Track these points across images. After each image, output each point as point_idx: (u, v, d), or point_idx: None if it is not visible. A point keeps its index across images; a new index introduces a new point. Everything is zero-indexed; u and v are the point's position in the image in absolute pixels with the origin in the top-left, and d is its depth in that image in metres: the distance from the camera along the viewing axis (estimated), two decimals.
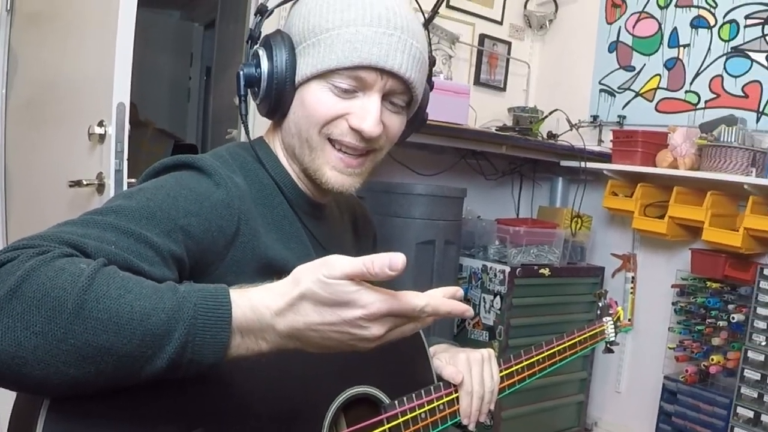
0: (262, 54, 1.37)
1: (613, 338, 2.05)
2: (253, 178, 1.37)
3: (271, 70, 1.35)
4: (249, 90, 1.42)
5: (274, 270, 1.25)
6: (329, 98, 1.34)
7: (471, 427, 1.52)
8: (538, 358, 1.71)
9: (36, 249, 0.97)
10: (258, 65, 1.37)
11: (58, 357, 0.89)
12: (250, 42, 1.43)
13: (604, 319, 2.04)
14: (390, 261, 0.97)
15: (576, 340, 1.86)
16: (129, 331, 0.92)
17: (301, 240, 1.42)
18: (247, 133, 1.44)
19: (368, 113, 1.34)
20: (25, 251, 0.96)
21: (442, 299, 1.07)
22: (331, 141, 1.37)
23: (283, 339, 1.03)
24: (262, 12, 1.43)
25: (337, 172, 1.39)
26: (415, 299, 1.04)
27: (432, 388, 1.46)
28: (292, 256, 1.33)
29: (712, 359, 3.66)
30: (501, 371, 1.62)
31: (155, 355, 0.94)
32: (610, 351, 2.09)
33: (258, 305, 1.01)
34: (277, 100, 1.38)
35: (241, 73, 1.39)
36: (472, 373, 1.52)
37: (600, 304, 2.09)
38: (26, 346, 0.88)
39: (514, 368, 1.66)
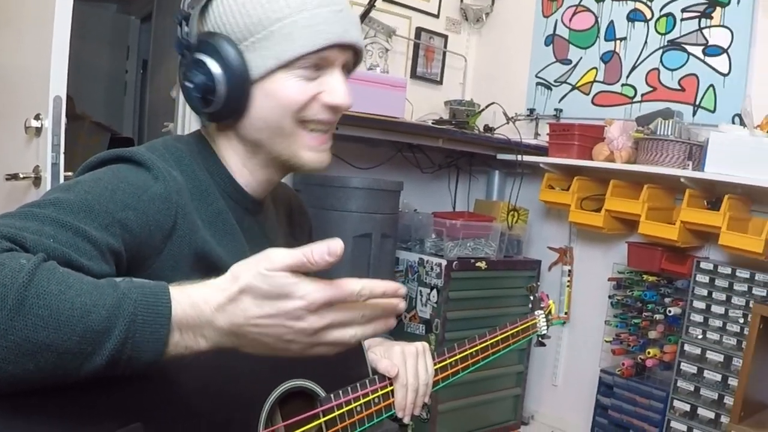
0: (210, 61, 1.28)
1: (544, 331, 2.02)
2: (189, 173, 1.31)
3: (229, 74, 1.28)
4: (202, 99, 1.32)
5: (209, 265, 1.23)
6: (299, 84, 1.31)
7: (406, 420, 1.49)
8: (471, 351, 1.69)
9: None
10: (209, 73, 1.28)
11: None
12: (185, 52, 1.32)
13: (535, 313, 2.01)
14: (328, 248, 0.98)
15: (508, 333, 1.83)
16: (69, 327, 0.89)
17: (235, 236, 1.36)
18: (212, 148, 1.38)
19: (337, 88, 1.34)
20: None
21: (374, 280, 1.06)
22: (303, 123, 1.35)
23: (221, 336, 1.00)
24: (187, 17, 1.31)
25: (313, 152, 1.38)
26: (351, 284, 1.03)
27: (367, 381, 1.42)
28: (224, 252, 1.29)
29: (649, 352, 3.57)
30: (435, 364, 1.59)
31: (95, 352, 0.91)
32: (542, 344, 2.07)
33: (198, 301, 0.99)
34: (238, 102, 1.31)
35: (192, 84, 1.30)
36: (406, 365, 1.49)
37: (531, 298, 2.06)
38: None
39: (448, 361, 1.63)
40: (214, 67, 1.28)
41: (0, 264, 0.89)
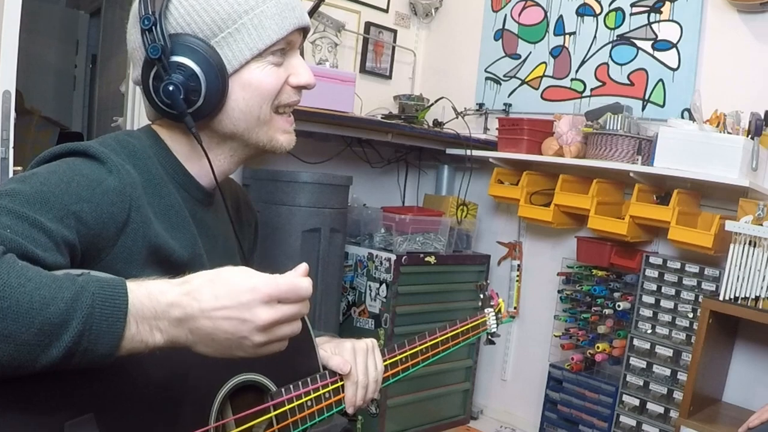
0: (189, 62, 1.26)
1: (494, 329, 2.00)
2: (141, 166, 1.28)
3: (211, 72, 1.27)
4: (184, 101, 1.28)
5: (162, 258, 1.23)
6: (272, 71, 1.33)
7: (350, 411, 1.49)
8: (421, 348, 1.69)
9: None
10: (192, 73, 1.26)
11: None
12: (161, 56, 1.26)
13: (485, 311, 1.98)
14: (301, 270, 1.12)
15: (458, 330, 1.82)
16: (28, 319, 0.89)
17: (188, 229, 1.34)
18: (201, 145, 1.32)
19: (302, 68, 1.37)
20: None
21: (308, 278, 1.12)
22: (276, 108, 1.37)
23: (176, 328, 1.02)
24: (156, 23, 1.25)
25: (287, 134, 1.40)
26: (303, 284, 1.09)
27: (318, 376, 1.42)
28: (177, 245, 1.28)
29: (598, 347, 3.47)
30: (385, 360, 1.59)
31: (52, 344, 0.91)
32: (492, 342, 2.04)
33: (155, 292, 1.01)
34: (221, 98, 1.30)
35: (174, 86, 1.25)
36: (356, 362, 1.49)
37: (481, 296, 2.04)
38: None
39: (398, 358, 1.63)
40: (196, 67, 1.25)
41: None
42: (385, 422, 3.62)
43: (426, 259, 3.71)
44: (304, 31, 1.39)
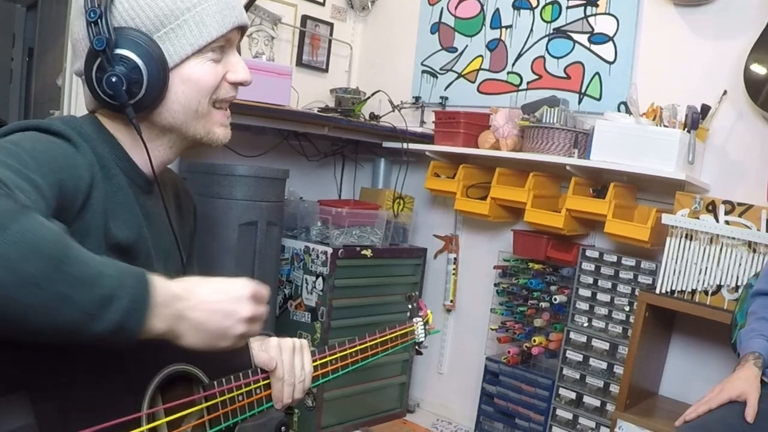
0: (133, 54, 1.26)
1: (422, 339, 1.96)
2: (92, 148, 1.26)
3: (153, 65, 1.27)
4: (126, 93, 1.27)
5: (111, 237, 1.22)
6: (211, 67, 1.34)
7: (277, 407, 1.48)
8: (351, 351, 1.69)
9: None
10: (135, 66, 1.25)
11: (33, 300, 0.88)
12: (106, 48, 1.24)
13: (414, 320, 1.95)
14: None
15: (387, 337, 1.82)
16: (89, 286, 0.92)
17: (134, 211, 1.33)
18: (141, 136, 1.32)
19: (239, 65, 1.39)
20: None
21: None
22: (214, 102, 1.37)
23: (175, 318, 1.06)
24: (101, 15, 1.24)
25: (224, 128, 1.41)
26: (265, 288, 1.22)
27: (250, 371, 1.42)
28: (124, 226, 1.27)
29: (534, 340, 3.29)
30: (315, 361, 1.57)
31: (98, 317, 0.93)
32: (419, 353, 2.03)
33: (167, 284, 1.05)
34: (161, 91, 1.30)
35: (117, 78, 1.24)
36: (282, 359, 1.47)
37: (410, 306, 2.00)
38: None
39: (328, 359, 1.62)
40: (139, 60, 1.25)
41: (41, 224, 0.91)
42: (322, 415, 3.46)
43: (362, 252, 3.53)
44: (242, 29, 1.40)
